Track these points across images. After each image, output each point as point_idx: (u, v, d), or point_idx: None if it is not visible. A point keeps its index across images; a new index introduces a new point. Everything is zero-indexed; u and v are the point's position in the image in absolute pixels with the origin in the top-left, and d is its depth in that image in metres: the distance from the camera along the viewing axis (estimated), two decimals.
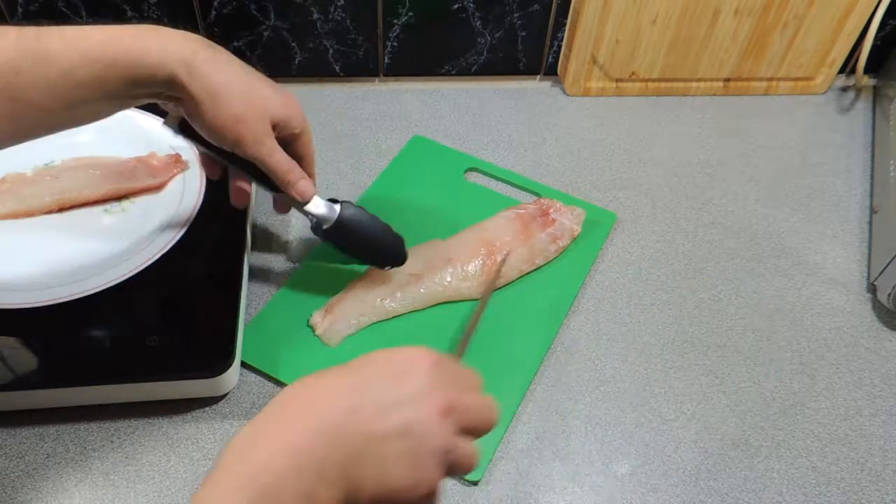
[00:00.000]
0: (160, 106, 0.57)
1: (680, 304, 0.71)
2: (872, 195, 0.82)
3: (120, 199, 0.69)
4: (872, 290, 0.72)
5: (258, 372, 0.63)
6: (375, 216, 0.64)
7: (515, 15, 0.84)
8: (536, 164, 0.83)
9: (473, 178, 0.81)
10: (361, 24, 0.83)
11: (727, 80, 0.91)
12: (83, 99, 0.49)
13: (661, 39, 0.85)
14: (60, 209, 0.68)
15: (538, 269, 0.71)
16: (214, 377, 0.58)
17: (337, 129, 0.85)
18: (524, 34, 0.86)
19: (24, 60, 0.46)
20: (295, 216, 0.75)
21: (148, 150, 0.71)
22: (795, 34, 0.86)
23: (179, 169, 0.71)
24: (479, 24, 0.85)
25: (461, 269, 0.68)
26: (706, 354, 0.68)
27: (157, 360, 0.58)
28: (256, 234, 0.73)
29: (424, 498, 0.40)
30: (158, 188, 0.70)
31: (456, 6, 0.83)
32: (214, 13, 0.81)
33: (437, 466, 0.40)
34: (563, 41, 0.87)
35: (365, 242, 0.64)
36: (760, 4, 0.82)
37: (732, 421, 0.63)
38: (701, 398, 0.64)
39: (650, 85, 0.91)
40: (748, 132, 0.88)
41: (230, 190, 0.62)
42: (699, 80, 0.90)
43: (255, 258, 0.71)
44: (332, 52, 0.86)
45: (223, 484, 0.37)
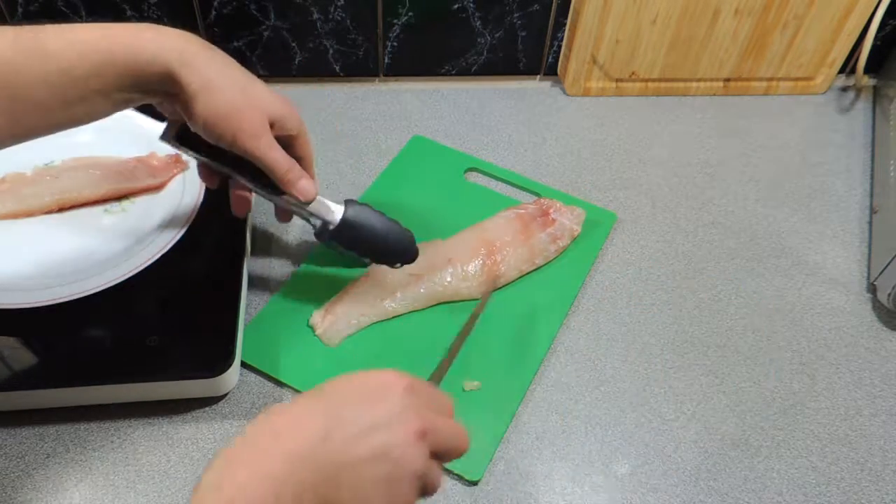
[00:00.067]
0: (157, 107, 0.57)
1: (680, 304, 0.71)
2: (872, 195, 0.82)
3: (120, 199, 0.70)
4: (872, 290, 0.72)
5: (258, 372, 0.63)
6: (381, 212, 0.63)
7: (515, 15, 0.84)
8: (536, 164, 0.83)
9: (473, 178, 0.81)
10: (361, 24, 0.83)
11: (727, 80, 0.91)
12: (81, 96, 0.49)
13: (661, 39, 0.85)
14: (60, 209, 0.68)
15: (538, 269, 0.71)
16: (214, 377, 0.58)
17: (337, 129, 0.85)
18: (524, 34, 0.86)
19: (22, 58, 0.47)
20: (295, 217, 0.75)
21: (148, 150, 0.71)
22: (795, 34, 0.86)
23: (179, 169, 0.71)
24: (479, 24, 0.85)
25: (461, 269, 0.68)
26: (706, 354, 0.68)
27: (157, 360, 0.58)
28: (256, 234, 0.73)
29: None
30: (158, 188, 0.70)
31: (456, 6, 0.83)
32: (214, 13, 0.81)
33: (412, 490, 0.40)
34: (563, 41, 0.87)
35: (373, 240, 0.62)
36: (760, 4, 0.82)
37: (732, 421, 0.63)
38: (701, 398, 0.65)
39: (650, 85, 0.91)
40: (748, 132, 0.88)
41: (231, 199, 0.62)
42: (699, 80, 0.90)
43: (255, 258, 0.71)
44: (332, 52, 0.86)
45: None
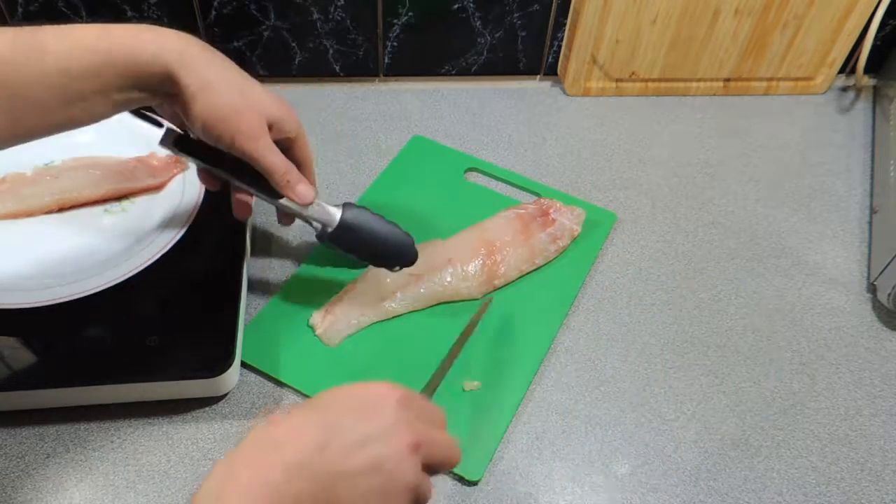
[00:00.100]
0: (156, 110, 0.57)
1: (680, 304, 0.71)
2: (872, 195, 0.82)
3: (120, 199, 0.70)
4: (872, 290, 0.72)
5: (258, 372, 0.63)
6: (380, 215, 0.63)
7: (515, 15, 0.84)
8: (536, 164, 0.83)
9: (473, 178, 0.81)
10: (361, 24, 0.83)
11: (727, 80, 0.91)
12: (80, 95, 0.49)
13: (661, 39, 0.85)
14: (60, 209, 0.68)
15: (538, 269, 0.71)
16: (214, 377, 0.58)
17: (337, 129, 0.85)
18: (524, 34, 0.86)
19: (21, 57, 0.47)
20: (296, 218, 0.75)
21: (148, 150, 0.71)
22: (795, 34, 0.86)
23: (179, 169, 0.71)
24: (479, 24, 0.85)
25: (461, 269, 0.68)
26: (706, 354, 0.68)
27: (157, 360, 0.58)
28: (257, 234, 0.73)
29: None
30: (158, 188, 0.70)
31: (456, 6, 0.83)
32: (214, 13, 0.81)
33: (405, 501, 0.41)
34: (563, 41, 0.87)
35: (372, 243, 0.62)
36: (760, 4, 0.82)
37: (732, 421, 0.63)
38: (701, 398, 0.64)
39: (650, 85, 0.91)
40: (748, 132, 0.88)
41: (232, 203, 0.62)
42: (699, 80, 0.90)
43: (255, 258, 0.71)
44: (332, 52, 0.86)
45: None
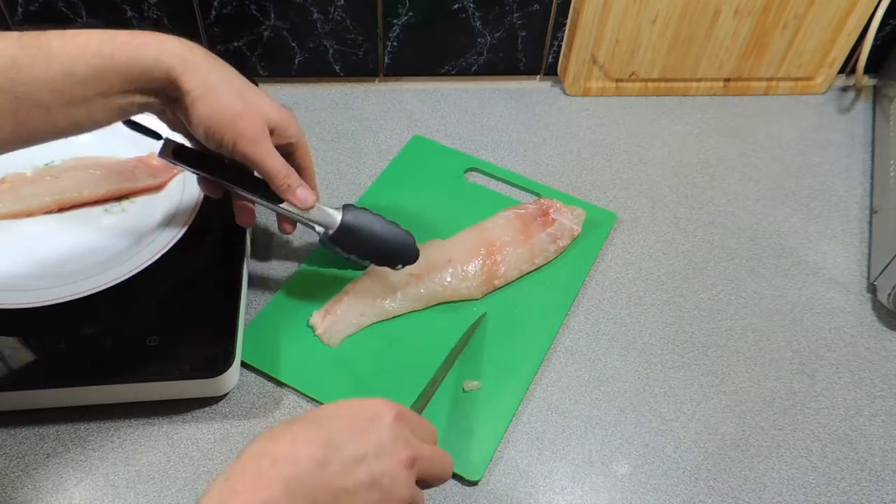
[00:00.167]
0: (158, 117, 0.57)
1: (680, 304, 0.71)
2: (872, 195, 0.82)
3: (120, 199, 0.70)
4: (872, 290, 0.72)
5: (258, 372, 0.63)
6: (380, 215, 0.64)
7: (515, 15, 0.84)
8: (536, 164, 0.83)
9: (473, 178, 0.81)
10: (361, 24, 0.83)
11: (727, 80, 0.91)
12: (83, 97, 0.49)
13: (661, 39, 0.85)
14: (60, 209, 0.68)
15: (538, 269, 0.71)
16: (214, 377, 0.58)
17: (337, 129, 0.85)
18: (524, 34, 0.86)
19: (26, 58, 0.47)
20: None
21: (148, 150, 0.71)
22: (795, 34, 0.86)
23: (179, 169, 0.70)
24: (479, 24, 0.85)
25: (461, 269, 0.68)
26: (706, 354, 0.68)
27: (157, 360, 0.58)
28: (256, 234, 0.73)
29: None
30: (158, 188, 0.70)
31: (456, 6, 0.83)
32: (214, 13, 0.81)
33: None
34: (563, 41, 0.87)
35: (373, 243, 0.63)
36: (760, 4, 0.82)
37: (732, 421, 0.63)
38: (701, 398, 0.65)
39: (650, 85, 0.90)
40: (748, 132, 0.88)
41: (234, 210, 0.63)
42: (699, 80, 0.90)
43: (255, 258, 0.71)
44: (332, 52, 0.86)
45: None
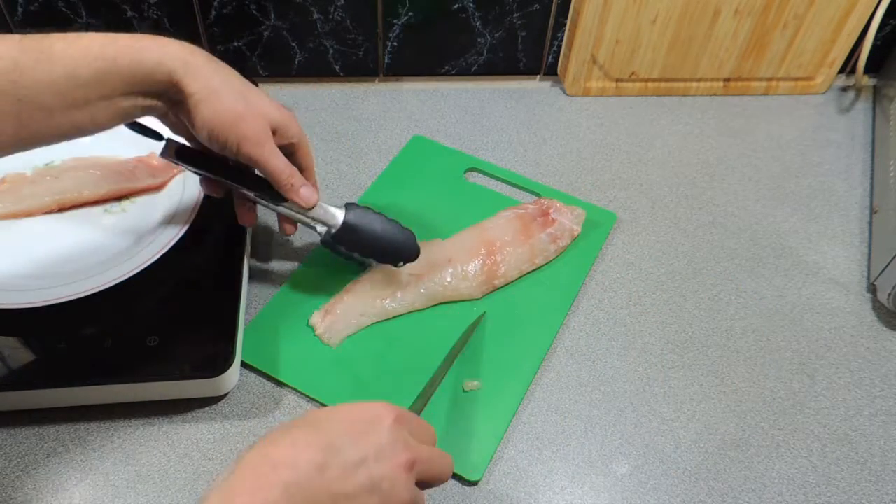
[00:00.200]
0: (160, 120, 0.57)
1: (680, 304, 0.71)
2: (872, 195, 0.82)
3: (120, 199, 0.70)
4: (872, 290, 0.72)
5: (258, 372, 0.63)
6: (381, 213, 0.64)
7: (515, 15, 0.84)
8: (536, 164, 0.83)
9: (473, 178, 0.81)
10: (361, 24, 0.83)
11: (727, 80, 0.91)
12: (86, 100, 0.49)
13: (661, 39, 0.85)
14: (60, 209, 0.68)
15: (538, 269, 0.71)
16: (214, 377, 0.58)
17: (337, 129, 0.85)
18: (524, 34, 0.86)
19: (28, 60, 0.47)
20: None
21: (148, 150, 0.71)
22: (795, 34, 0.86)
23: (179, 169, 0.71)
24: (479, 24, 0.85)
25: (461, 269, 0.68)
26: (706, 354, 0.68)
27: (157, 360, 0.58)
28: (257, 233, 0.73)
29: None
30: (159, 188, 0.70)
31: (456, 6, 0.83)
32: (214, 13, 0.81)
33: None
34: (563, 41, 0.87)
35: (375, 241, 0.64)
36: (760, 4, 0.82)
37: (732, 421, 0.63)
38: (701, 398, 0.65)
39: (650, 85, 0.90)
40: (748, 132, 0.88)
41: (236, 211, 0.63)
42: (699, 80, 0.90)
43: (255, 258, 0.71)
44: (332, 52, 0.86)
45: None
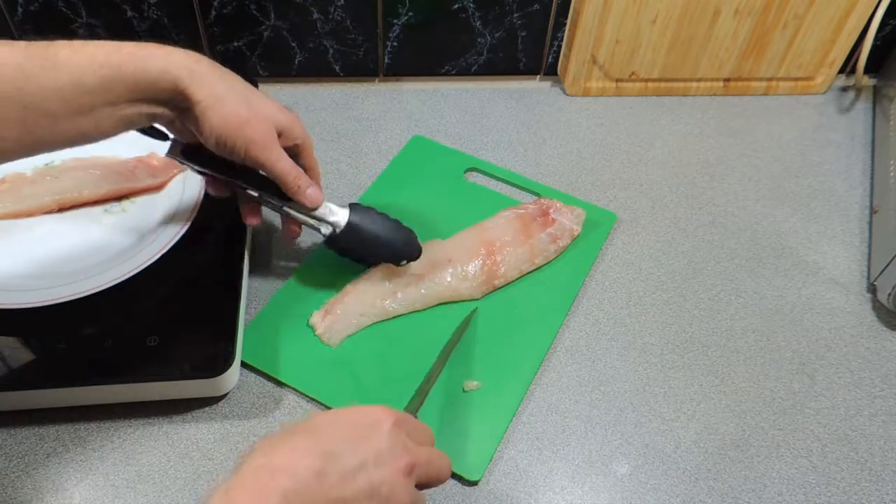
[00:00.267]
0: (166, 127, 0.58)
1: (680, 304, 0.71)
2: (872, 195, 0.82)
3: (120, 199, 0.70)
4: (872, 290, 0.72)
5: (258, 372, 0.63)
6: (384, 213, 0.65)
7: (515, 15, 0.84)
8: (536, 164, 0.83)
9: (473, 178, 0.81)
10: (361, 24, 0.83)
11: (727, 80, 0.91)
12: (91, 106, 0.50)
13: (661, 39, 0.85)
14: (60, 209, 0.68)
15: (538, 269, 0.71)
16: (214, 377, 0.58)
17: (337, 129, 0.85)
18: (524, 34, 0.86)
19: (34, 67, 0.47)
20: None
21: (148, 150, 0.71)
22: (795, 34, 0.86)
23: (180, 169, 0.71)
24: (479, 24, 0.85)
25: (461, 269, 0.68)
26: (706, 354, 0.68)
27: (157, 360, 0.58)
28: (257, 233, 0.73)
29: None
30: (159, 188, 0.70)
31: (456, 6, 0.83)
32: (214, 13, 0.81)
33: None
34: (563, 41, 0.87)
35: (378, 240, 0.64)
36: (760, 4, 0.82)
37: (732, 421, 0.63)
38: (701, 398, 0.65)
39: (650, 85, 0.90)
40: (748, 132, 0.88)
41: (241, 210, 0.63)
42: (699, 80, 0.90)
43: (255, 258, 0.71)
44: (332, 52, 0.86)
45: None
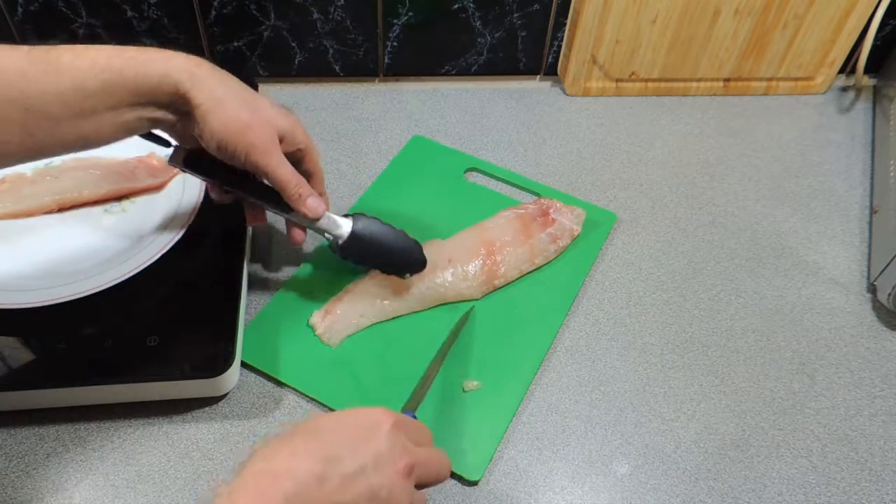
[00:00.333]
0: (167, 132, 0.57)
1: (680, 304, 0.71)
2: (872, 195, 0.82)
3: (120, 199, 0.70)
4: (872, 290, 0.72)
5: (258, 372, 0.63)
6: (389, 224, 0.64)
7: (515, 15, 0.84)
8: (536, 164, 0.83)
9: (473, 178, 0.81)
10: (361, 24, 0.83)
11: (727, 80, 0.91)
12: (92, 110, 0.50)
13: (661, 39, 0.85)
14: (60, 209, 0.68)
15: (538, 269, 0.71)
16: (214, 377, 0.58)
17: (337, 129, 0.85)
18: (524, 34, 0.86)
19: (36, 72, 0.47)
20: None
21: (148, 150, 0.71)
22: (795, 34, 0.86)
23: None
24: (479, 24, 0.85)
25: (461, 269, 0.68)
26: (706, 354, 0.68)
27: (157, 360, 0.58)
28: (257, 233, 0.73)
29: None
30: (158, 188, 0.70)
31: (456, 6, 0.83)
32: (214, 13, 0.81)
33: None
34: (563, 41, 0.87)
35: (382, 252, 0.64)
36: (760, 4, 0.82)
37: (732, 421, 0.63)
38: (701, 398, 0.65)
39: (650, 85, 0.90)
40: (748, 132, 0.88)
41: (245, 213, 0.63)
42: (699, 80, 0.90)
43: (255, 258, 0.71)
44: (332, 52, 0.86)
45: None
